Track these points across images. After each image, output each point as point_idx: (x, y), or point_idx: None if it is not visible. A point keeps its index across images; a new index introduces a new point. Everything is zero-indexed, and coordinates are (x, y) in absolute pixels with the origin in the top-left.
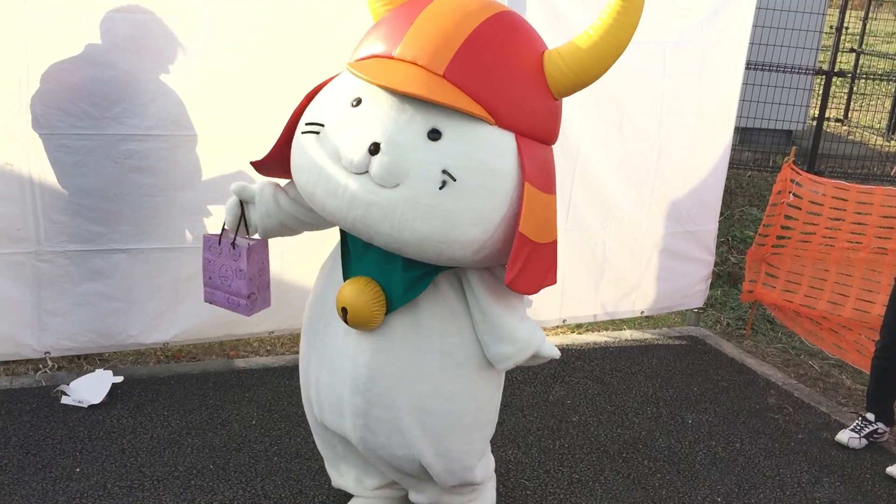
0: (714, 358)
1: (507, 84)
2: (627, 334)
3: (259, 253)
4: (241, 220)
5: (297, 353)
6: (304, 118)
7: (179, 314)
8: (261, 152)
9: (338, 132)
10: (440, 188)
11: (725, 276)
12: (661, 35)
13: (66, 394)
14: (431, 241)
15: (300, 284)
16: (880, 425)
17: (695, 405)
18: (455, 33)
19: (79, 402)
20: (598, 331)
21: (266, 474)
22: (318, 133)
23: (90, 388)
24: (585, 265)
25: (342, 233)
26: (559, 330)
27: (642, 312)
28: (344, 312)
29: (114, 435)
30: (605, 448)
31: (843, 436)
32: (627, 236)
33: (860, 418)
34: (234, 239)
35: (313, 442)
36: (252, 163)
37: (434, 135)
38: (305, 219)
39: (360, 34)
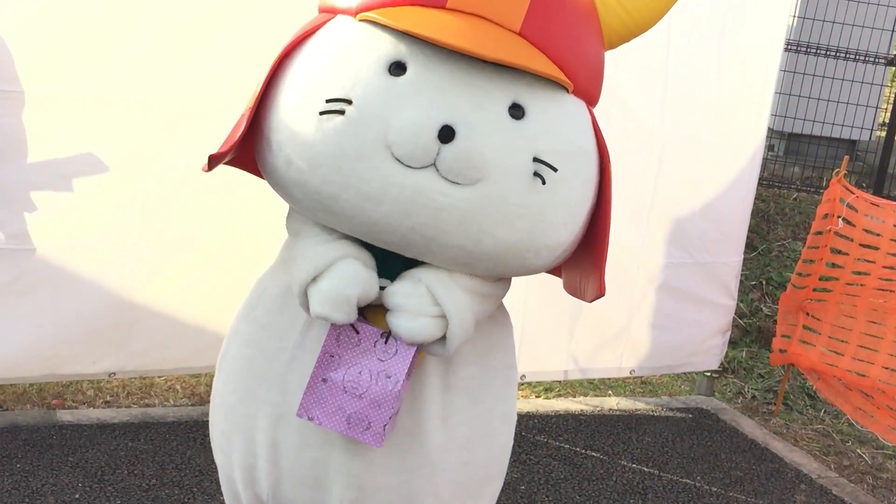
0: (728, 439)
1: (578, 41)
2: (613, 402)
3: (414, 361)
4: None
5: (148, 406)
6: (305, 89)
7: None
8: (108, 115)
9: (379, 111)
10: (542, 182)
11: (755, 333)
12: None
13: None
14: (516, 250)
15: (154, 308)
16: None
17: (696, 501)
18: None
19: None
20: (574, 396)
21: None
22: (342, 113)
23: None
24: (554, 300)
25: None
26: (518, 391)
27: (632, 372)
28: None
29: None
30: None
31: None
32: (614, 263)
33: None
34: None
35: None
36: (211, 156)
37: (516, 112)
38: None
39: None
